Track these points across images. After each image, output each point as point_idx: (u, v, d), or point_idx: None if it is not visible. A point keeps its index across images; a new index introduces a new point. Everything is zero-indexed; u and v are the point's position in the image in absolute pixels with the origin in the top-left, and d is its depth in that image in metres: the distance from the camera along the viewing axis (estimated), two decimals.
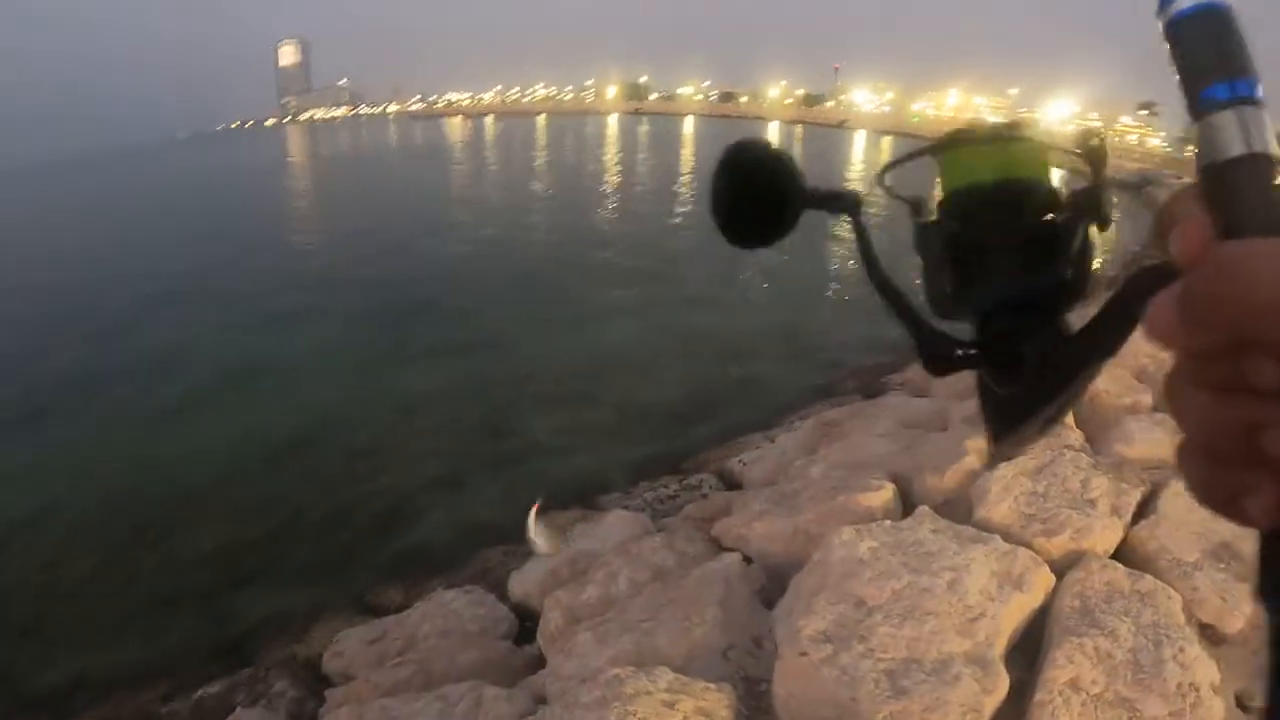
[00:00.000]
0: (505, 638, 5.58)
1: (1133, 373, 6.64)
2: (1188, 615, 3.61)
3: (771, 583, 4.40)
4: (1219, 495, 0.42)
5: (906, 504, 4.72)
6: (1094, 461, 4.73)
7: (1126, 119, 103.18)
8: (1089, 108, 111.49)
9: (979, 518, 4.22)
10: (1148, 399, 6.15)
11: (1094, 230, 0.70)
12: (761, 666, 3.64)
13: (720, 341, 14.19)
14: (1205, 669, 3.21)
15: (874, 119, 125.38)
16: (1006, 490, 4.37)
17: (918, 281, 0.78)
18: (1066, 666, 3.12)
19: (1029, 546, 3.89)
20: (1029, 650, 3.35)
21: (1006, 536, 3.93)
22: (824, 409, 9.26)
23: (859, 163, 59.57)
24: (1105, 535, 4.16)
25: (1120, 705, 3.00)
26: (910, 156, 0.81)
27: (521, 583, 6.07)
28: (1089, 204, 0.69)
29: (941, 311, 0.75)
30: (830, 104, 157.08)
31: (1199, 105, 0.46)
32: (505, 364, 13.05)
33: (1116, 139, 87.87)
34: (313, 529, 8.23)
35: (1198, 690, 3.10)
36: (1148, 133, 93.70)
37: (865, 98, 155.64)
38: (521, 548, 7.18)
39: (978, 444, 5.14)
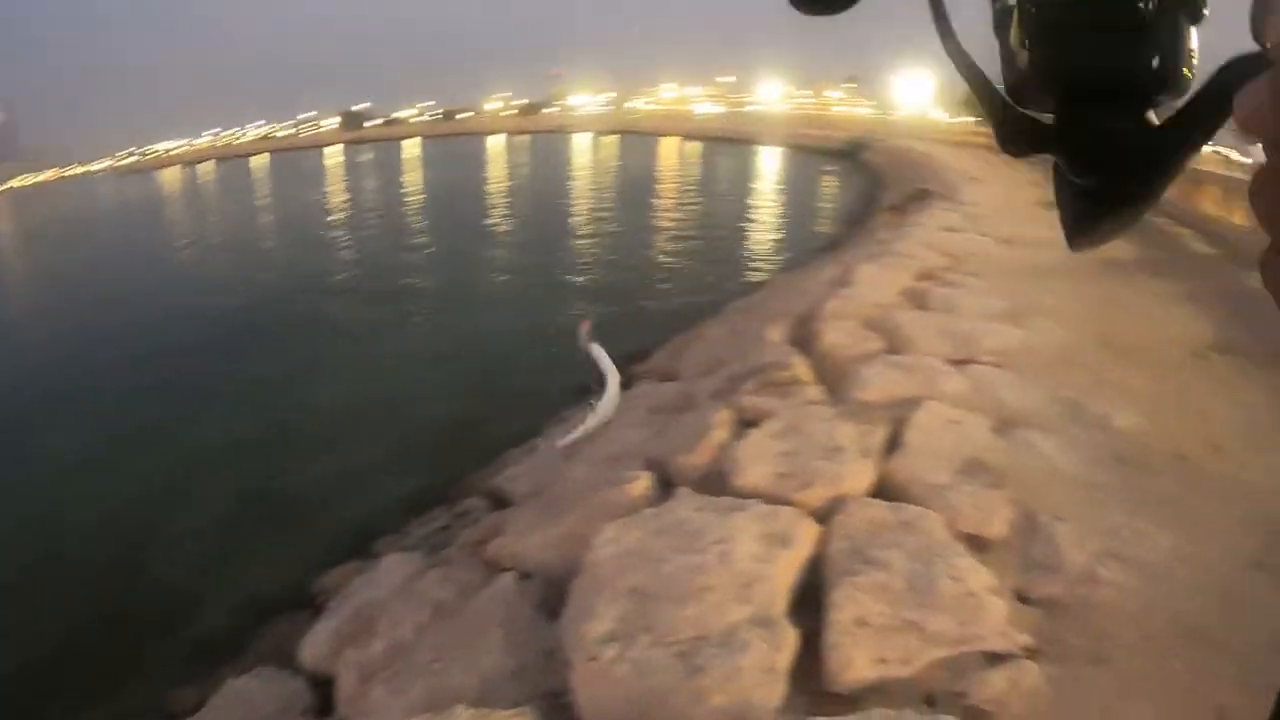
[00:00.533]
0: (305, 713, 5.23)
1: (860, 322, 7.02)
2: (951, 531, 3.82)
3: (552, 593, 4.33)
4: None
5: (667, 487, 4.75)
6: (836, 411, 4.95)
7: (834, 92, 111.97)
8: (800, 85, 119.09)
9: (736, 486, 4.31)
10: (878, 345, 6.51)
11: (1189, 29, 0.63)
12: (558, 679, 3.57)
13: (473, 355, 14.04)
14: (978, 575, 3.43)
15: (595, 120, 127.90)
16: (758, 455, 4.50)
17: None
18: (848, 606, 3.24)
19: (789, 504, 4.01)
20: (813, 600, 3.43)
21: (766, 499, 4.03)
22: (577, 409, 9.29)
23: (586, 165, 60.86)
24: (859, 477, 4.36)
25: (907, 629, 3.14)
26: None
27: (312, 650, 5.74)
28: None
29: (1019, 97, 0.70)
30: (551, 110, 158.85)
31: None
32: (259, 422, 12.24)
33: (829, 111, 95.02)
34: (92, 642, 7.38)
35: (976, 596, 3.30)
36: (855, 103, 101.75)
37: (584, 100, 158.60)
38: (303, 614, 6.83)
39: (724, 417, 5.27)
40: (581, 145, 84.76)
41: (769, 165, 53.73)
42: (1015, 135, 0.70)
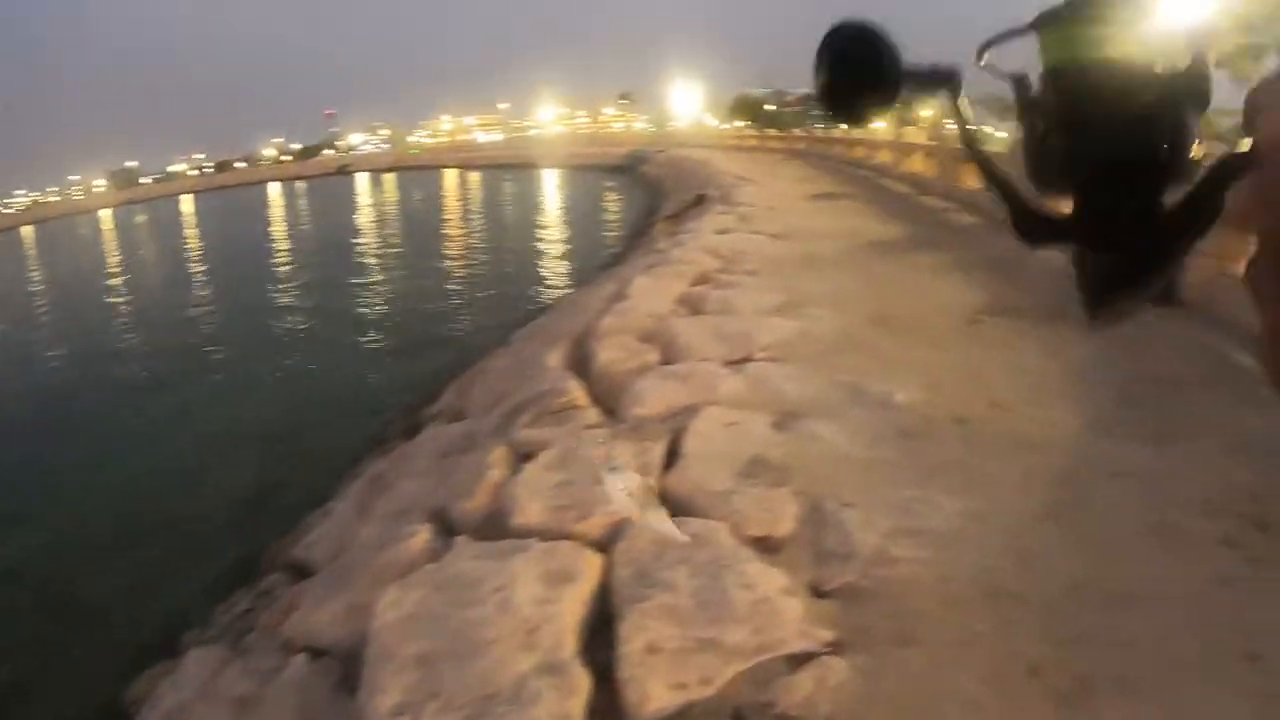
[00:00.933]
0: None
1: (636, 336, 6.98)
2: (738, 537, 3.77)
3: (351, 668, 4.07)
4: None
5: (450, 537, 4.52)
6: (613, 432, 4.86)
7: (610, 109, 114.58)
8: (576, 105, 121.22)
9: (516, 525, 4.15)
10: (654, 357, 6.48)
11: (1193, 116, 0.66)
12: None
13: (264, 420, 13.37)
14: (769, 579, 3.40)
15: (374, 159, 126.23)
16: (534, 490, 4.36)
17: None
18: (638, 635, 3.14)
19: (570, 537, 3.88)
20: (603, 634, 3.31)
21: (545, 535, 3.89)
22: (374, 462, 8.93)
23: (368, 205, 59.60)
24: None
25: (704, 648, 3.06)
26: (1009, 35, 0.79)
27: None
28: (1188, 86, 0.65)
29: (1040, 184, 0.75)
30: (328, 152, 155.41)
31: None
32: (48, 518, 11.19)
33: (604, 130, 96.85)
34: None
35: (770, 600, 3.26)
36: (631, 118, 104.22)
37: (363, 139, 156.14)
38: None
39: (500, 455, 5.10)
40: (362, 185, 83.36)
41: (551, 187, 54.23)
42: (1030, 228, 0.76)
